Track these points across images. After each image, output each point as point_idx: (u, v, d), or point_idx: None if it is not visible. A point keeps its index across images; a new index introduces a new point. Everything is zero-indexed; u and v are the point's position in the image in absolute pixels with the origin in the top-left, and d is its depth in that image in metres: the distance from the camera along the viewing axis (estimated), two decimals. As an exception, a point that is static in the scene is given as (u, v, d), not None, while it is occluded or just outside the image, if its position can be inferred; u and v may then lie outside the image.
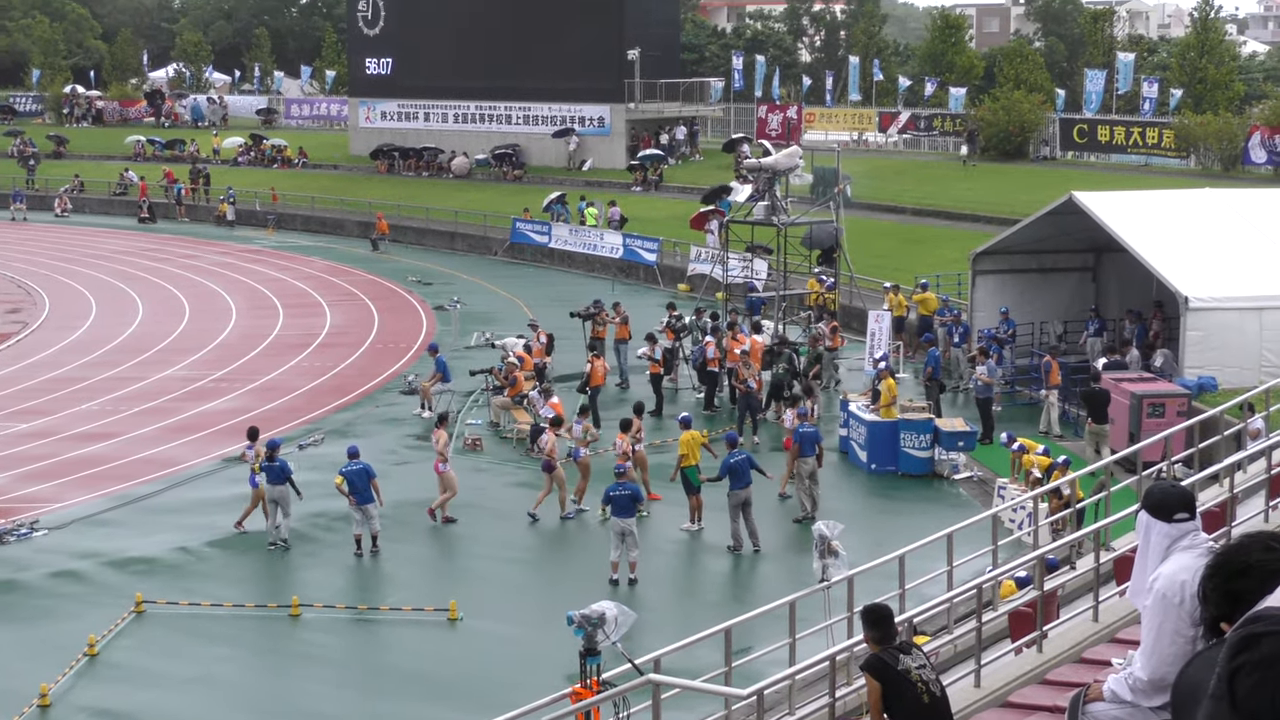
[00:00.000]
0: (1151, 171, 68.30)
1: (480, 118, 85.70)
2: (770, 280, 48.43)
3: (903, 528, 27.52)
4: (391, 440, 36.49)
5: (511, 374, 37.28)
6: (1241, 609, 4.06)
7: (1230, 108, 78.52)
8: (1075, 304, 40.77)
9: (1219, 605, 4.38)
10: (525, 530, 29.86)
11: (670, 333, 41.54)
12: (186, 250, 70.75)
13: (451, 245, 70.61)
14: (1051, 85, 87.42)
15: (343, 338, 49.89)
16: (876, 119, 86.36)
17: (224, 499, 31.82)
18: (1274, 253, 34.95)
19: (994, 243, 41.14)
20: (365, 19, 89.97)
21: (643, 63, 79.94)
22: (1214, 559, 4.50)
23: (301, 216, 78.33)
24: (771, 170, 44.32)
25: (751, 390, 36.03)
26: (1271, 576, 4.19)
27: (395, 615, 25.37)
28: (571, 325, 43.39)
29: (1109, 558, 17.24)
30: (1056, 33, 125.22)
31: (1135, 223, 36.08)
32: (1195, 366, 33.27)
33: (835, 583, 20.05)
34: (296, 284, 60.96)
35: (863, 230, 55.79)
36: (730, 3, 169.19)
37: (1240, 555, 4.39)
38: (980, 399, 35.70)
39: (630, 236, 61.92)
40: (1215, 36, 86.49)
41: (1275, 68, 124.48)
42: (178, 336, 50.69)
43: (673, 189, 73.96)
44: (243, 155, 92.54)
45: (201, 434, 37.44)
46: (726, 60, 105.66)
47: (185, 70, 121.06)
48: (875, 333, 40.94)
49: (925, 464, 32.75)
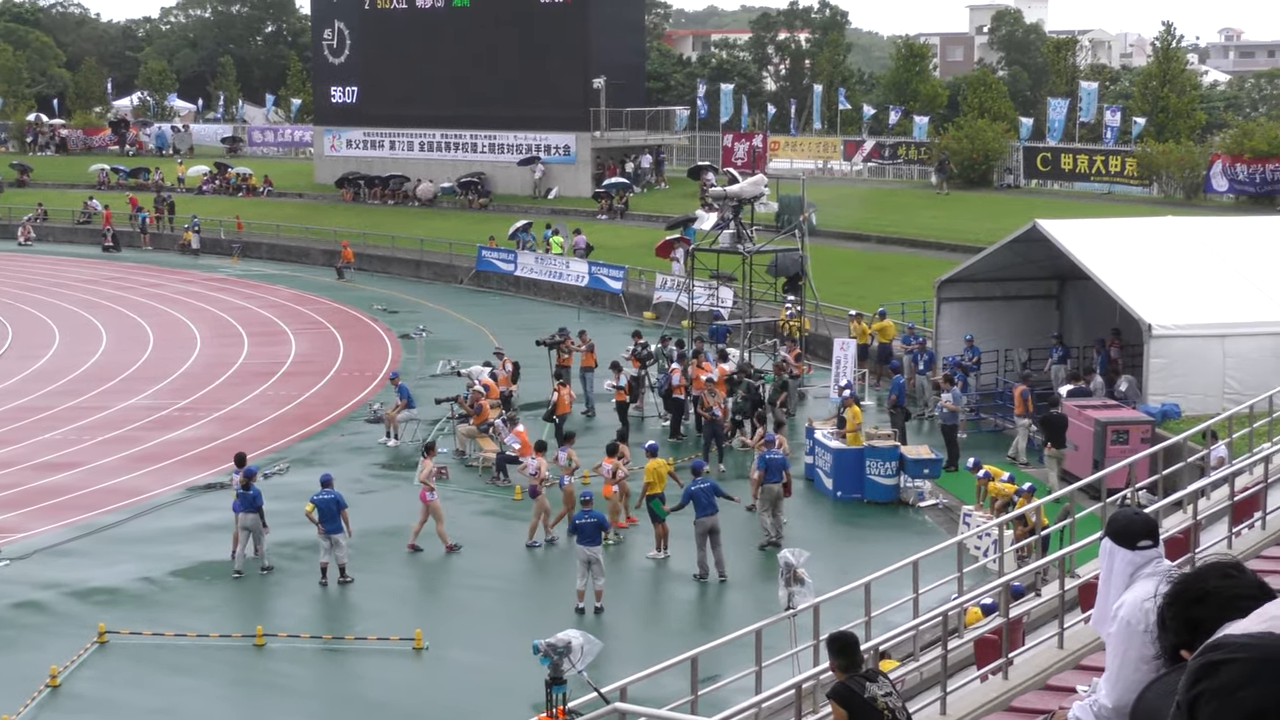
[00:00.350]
0: (1114, 199, 68.70)
1: (446, 146, 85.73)
2: (736, 308, 48.51)
3: (868, 555, 27.55)
4: (357, 469, 36.38)
5: (477, 402, 37.23)
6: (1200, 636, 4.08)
7: (1192, 136, 79.08)
8: (1040, 331, 40.94)
9: (1178, 632, 4.40)
10: (491, 558, 29.80)
11: (636, 361, 41.56)
12: (151, 279, 70.53)
13: (417, 273, 70.55)
14: (1015, 114, 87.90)
15: (308, 366, 49.76)
16: (841, 147, 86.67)
17: (188, 528, 31.69)
18: (1236, 280, 35.16)
19: (959, 270, 41.32)
20: (330, 47, 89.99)
21: (608, 91, 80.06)
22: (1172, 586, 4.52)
23: (266, 245, 78.16)
24: (737, 198, 44.41)
25: (717, 418, 36.05)
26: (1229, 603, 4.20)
27: (361, 645, 25.26)
28: (537, 353, 43.37)
29: (1074, 584, 17.29)
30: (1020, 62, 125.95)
31: (1099, 250, 36.28)
32: (1159, 393, 33.43)
33: (801, 610, 20.06)
34: (261, 312, 60.80)
35: (828, 258, 55.93)
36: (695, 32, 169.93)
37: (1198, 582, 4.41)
38: (945, 426, 35.79)
39: (596, 265, 61.96)
40: (1177, 66, 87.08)
41: (1236, 97, 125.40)
42: (142, 365, 50.49)
43: (638, 217, 74.08)
44: (207, 184, 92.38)
45: (165, 463, 37.27)
46: (692, 89, 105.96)
47: (150, 99, 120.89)
48: (840, 360, 41.01)
49: (891, 491, 32.79)
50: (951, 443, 35.30)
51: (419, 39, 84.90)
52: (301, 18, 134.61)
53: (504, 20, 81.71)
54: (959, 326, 40.79)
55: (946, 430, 35.71)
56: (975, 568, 23.79)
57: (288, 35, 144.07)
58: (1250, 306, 34.22)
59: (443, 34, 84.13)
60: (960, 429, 36.36)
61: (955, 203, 71.00)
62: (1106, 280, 35.06)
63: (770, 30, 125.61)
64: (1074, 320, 41.02)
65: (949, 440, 35.41)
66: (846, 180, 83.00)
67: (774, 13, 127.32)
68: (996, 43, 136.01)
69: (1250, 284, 34.97)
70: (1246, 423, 24.38)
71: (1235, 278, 35.27)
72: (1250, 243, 37.37)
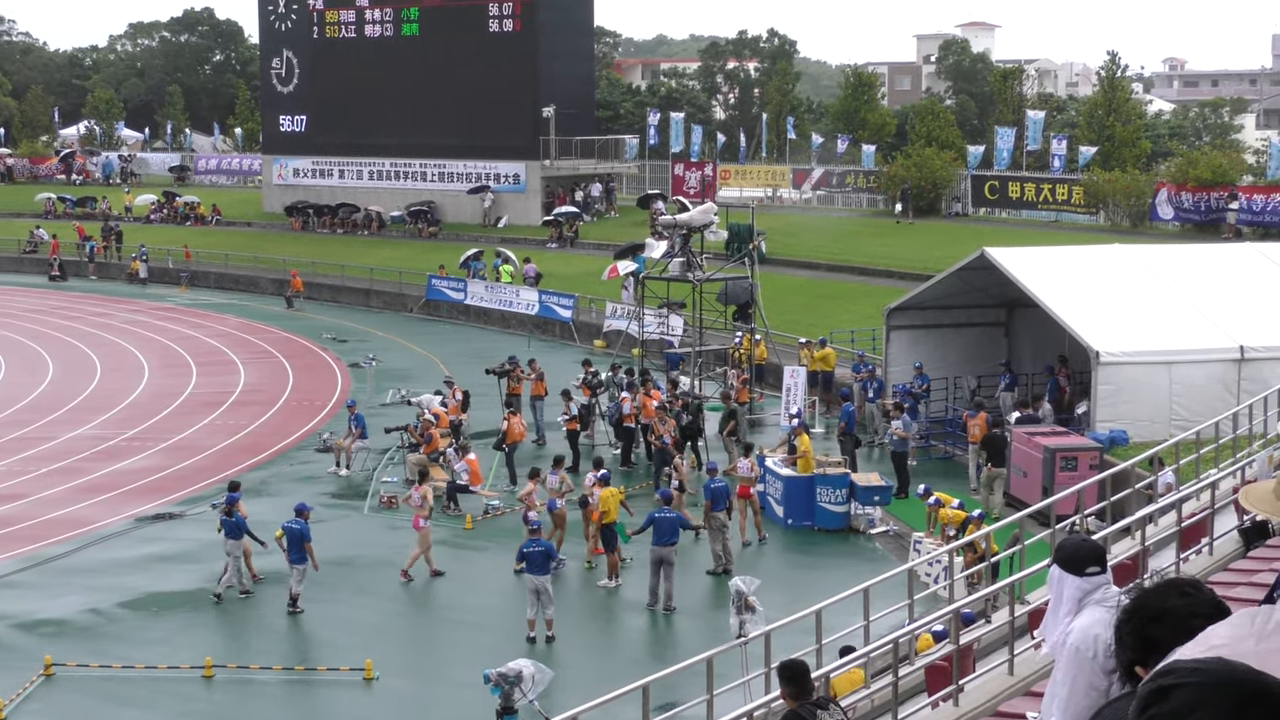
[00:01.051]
0: (1062, 227, 69.17)
1: (395, 174, 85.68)
2: (686, 336, 48.56)
3: (820, 582, 27.60)
4: (306, 498, 36.09)
5: (427, 431, 37.14)
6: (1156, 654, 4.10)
7: (1137, 165, 79.67)
8: (988, 358, 41.13)
9: (1134, 649, 4.42)
10: (440, 588, 29.70)
11: (586, 389, 41.55)
12: (98, 308, 70.14)
13: (367, 302, 70.39)
14: (963, 142, 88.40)
15: (257, 395, 49.55)
16: (790, 176, 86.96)
17: (136, 559, 31.49)
18: (1182, 307, 35.44)
19: (907, 298, 41.49)
20: (279, 76, 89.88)
21: (558, 120, 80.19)
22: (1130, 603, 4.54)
23: (215, 274, 77.83)
24: (686, 227, 44.51)
25: (667, 446, 36.01)
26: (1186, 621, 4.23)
27: (311, 675, 25.13)
28: (487, 382, 43.32)
29: (1024, 611, 17.35)
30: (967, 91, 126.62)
31: (1046, 278, 36.51)
32: (1106, 420, 33.65)
33: (753, 638, 20.05)
34: (210, 341, 60.52)
35: (778, 286, 56.09)
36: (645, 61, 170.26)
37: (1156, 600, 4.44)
38: (895, 453, 35.91)
39: (546, 293, 61.95)
40: (1122, 95, 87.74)
41: (1180, 126, 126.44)
42: (89, 395, 50.17)
43: (588, 245, 74.11)
44: (155, 212, 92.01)
45: (113, 494, 37.02)
46: (642, 118, 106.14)
47: (97, 127, 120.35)
48: (791, 388, 41.10)
49: (842, 519, 32.85)
50: (901, 470, 35.42)
51: (368, 68, 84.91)
52: (250, 47, 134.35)
53: (453, 49, 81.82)
54: (908, 354, 40.96)
55: (896, 457, 35.83)
56: (926, 594, 23.84)
57: (236, 64, 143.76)
58: (1196, 333, 34.49)
59: (392, 62, 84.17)
60: (910, 456, 36.48)
61: (904, 231, 71.34)
62: (1054, 308, 35.27)
63: (719, 59, 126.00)
64: (1022, 347, 41.24)
65: (899, 467, 35.52)
66: (796, 208, 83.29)
67: (723, 41, 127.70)
68: (944, 72, 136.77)
69: (1196, 311, 35.25)
70: (1193, 449, 24.57)
71: (1181, 305, 35.55)
72: (1196, 270, 37.70)
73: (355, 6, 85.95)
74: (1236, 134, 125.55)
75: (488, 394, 43.23)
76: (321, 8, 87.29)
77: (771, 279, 54.85)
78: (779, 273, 60.74)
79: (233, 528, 28.98)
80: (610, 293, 58.37)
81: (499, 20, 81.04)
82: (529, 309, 61.96)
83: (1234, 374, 33.79)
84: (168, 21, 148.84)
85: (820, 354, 44.57)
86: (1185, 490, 20.90)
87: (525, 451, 38.91)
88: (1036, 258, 39.12)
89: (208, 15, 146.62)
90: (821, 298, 58.27)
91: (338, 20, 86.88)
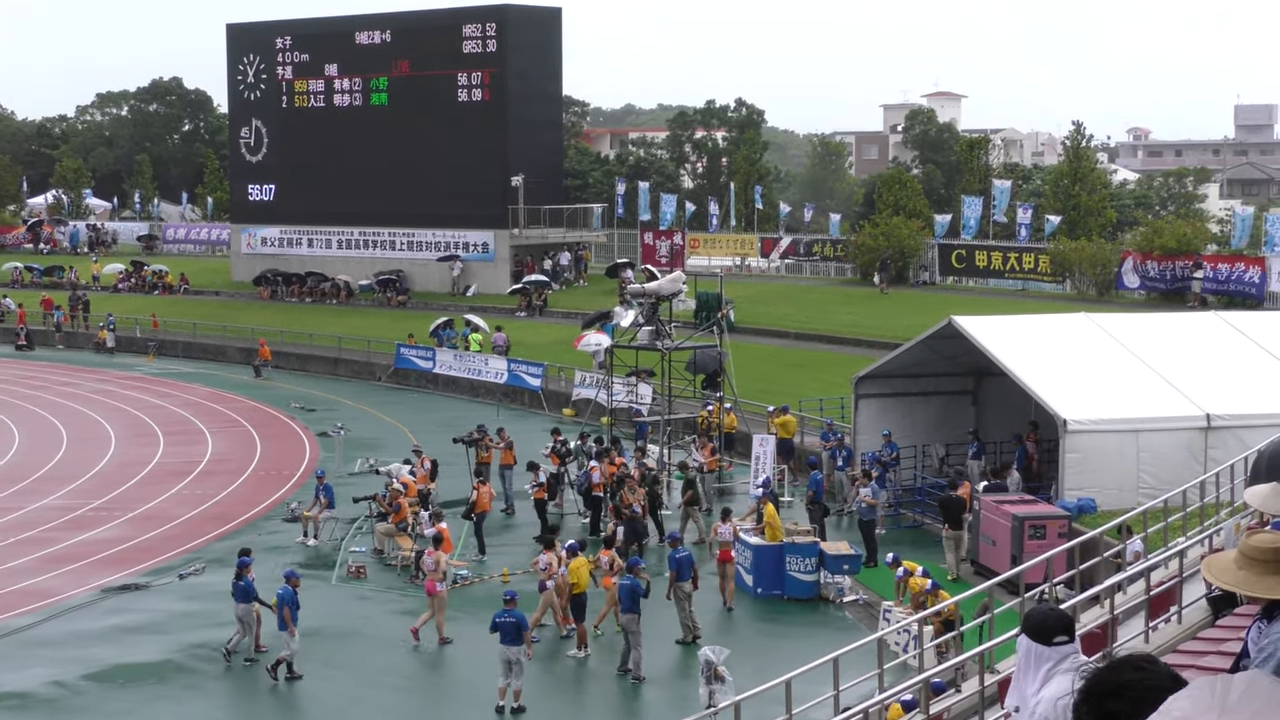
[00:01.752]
0: (1029, 296, 69.56)
1: (364, 243, 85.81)
2: (655, 405, 48.60)
3: (789, 652, 27.54)
4: (274, 569, 35.93)
5: (396, 500, 37.06)
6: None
7: (1103, 234, 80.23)
8: (957, 426, 41.26)
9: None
10: (408, 658, 29.57)
11: (555, 458, 41.53)
12: (65, 378, 69.90)
13: (335, 371, 70.32)
14: (930, 211, 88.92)
15: (224, 465, 49.39)
16: (759, 244, 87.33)
17: (101, 631, 31.27)
18: (1149, 375, 35.61)
19: (876, 366, 41.64)
20: (248, 145, 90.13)
21: (527, 189, 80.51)
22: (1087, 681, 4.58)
23: (183, 343, 77.67)
24: (655, 295, 44.65)
25: (637, 515, 35.97)
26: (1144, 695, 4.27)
27: (277, 748, 24.95)
28: (456, 451, 43.26)
29: (994, 680, 17.36)
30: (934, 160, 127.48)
31: (1014, 346, 36.69)
32: (1074, 488, 33.74)
33: (722, 709, 20.03)
34: (178, 411, 60.34)
35: (747, 354, 56.21)
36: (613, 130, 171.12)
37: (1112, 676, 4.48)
38: (863, 521, 35.95)
39: (515, 361, 61.97)
40: (1087, 164, 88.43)
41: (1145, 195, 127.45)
42: (55, 465, 49.93)
43: (557, 314, 74.27)
44: (123, 281, 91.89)
45: (79, 564, 36.79)
46: (610, 186, 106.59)
47: (64, 197, 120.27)
48: (760, 456, 41.12)
49: (811, 587, 32.84)
50: (870, 538, 35.46)
51: (337, 137, 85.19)
52: (219, 116, 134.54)
53: (422, 118, 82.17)
54: (877, 422, 41.07)
55: (864, 525, 35.88)
56: (896, 664, 23.83)
57: (205, 133, 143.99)
58: (1163, 401, 34.66)
59: (361, 132, 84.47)
60: (879, 524, 36.52)
61: (873, 299, 71.64)
62: (1022, 376, 35.43)
63: (687, 129, 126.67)
64: (990, 415, 41.37)
65: (867, 535, 35.56)
66: (764, 277, 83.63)
67: (691, 111, 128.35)
68: (911, 141, 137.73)
69: (1163, 379, 35.43)
70: (1161, 517, 24.64)
71: (1148, 373, 35.74)
72: (1162, 338, 37.90)
73: (325, 76, 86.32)
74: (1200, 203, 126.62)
75: (456, 463, 43.17)
76: (291, 77, 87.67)
77: (740, 347, 54.97)
78: (748, 341, 60.89)
79: (242, 592, 29.00)
80: (579, 361, 58.42)
81: (468, 90, 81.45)
82: (498, 377, 61.94)
83: (1201, 442, 33.95)
84: (136, 91, 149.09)
85: (780, 420, 44.53)
86: (1154, 558, 20.96)
87: (494, 521, 38.86)
88: (1004, 326, 39.29)
89: (176, 85, 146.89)
90: (790, 366, 58.41)
91: (307, 90, 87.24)
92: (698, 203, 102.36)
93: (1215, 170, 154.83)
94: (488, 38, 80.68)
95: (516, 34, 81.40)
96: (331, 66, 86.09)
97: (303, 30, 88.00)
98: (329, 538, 38.31)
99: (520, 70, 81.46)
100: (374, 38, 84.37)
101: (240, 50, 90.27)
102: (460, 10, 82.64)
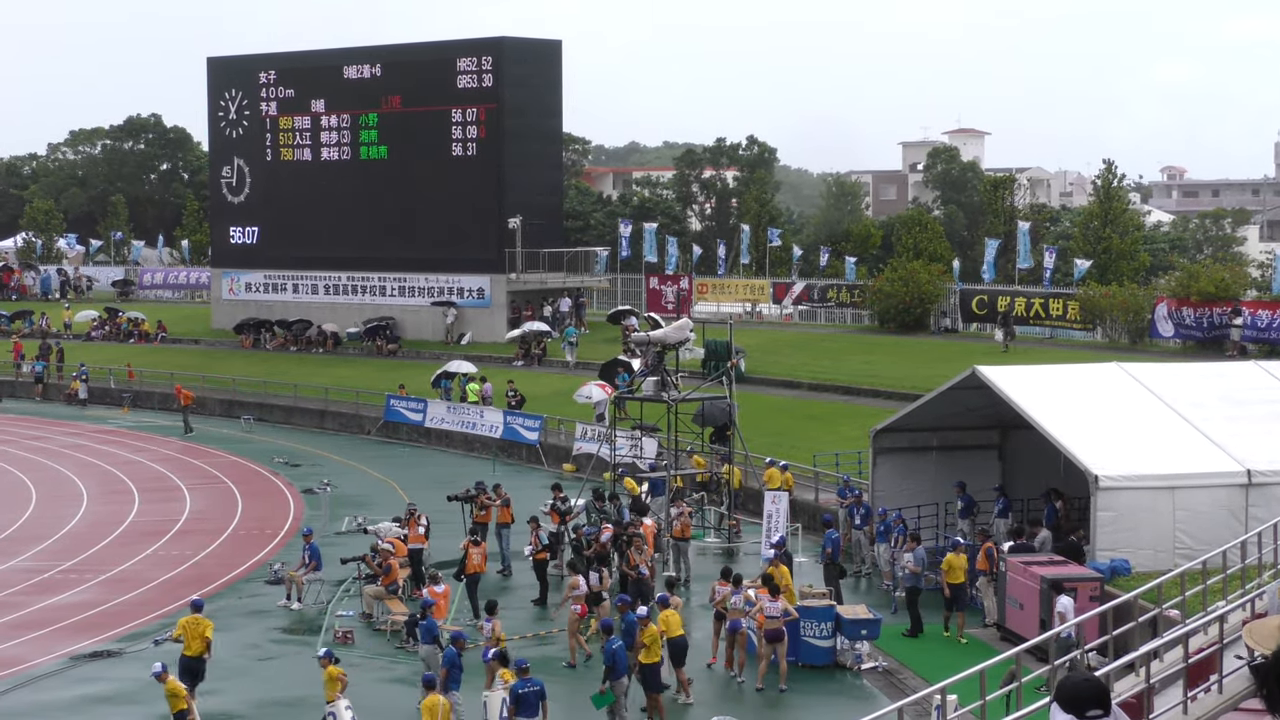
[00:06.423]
0: (1057, 344, 69.52)
1: (352, 289, 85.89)
2: (660, 459, 48.50)
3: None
4: (255, 634, 35.93)
5: (386, 562, 36.95)
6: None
7: (1136, 279, 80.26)
8: (981, 482, 41.05)
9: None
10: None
11: (556, 515, 41.37)
12: (34, 431, 69.89)
13: (321, 424, 70.28)
14: (951, 254, 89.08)
15: (203, 524, 49.29)
16: (770, 290, 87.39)
17: (70, 701, 31.13)
18: (1185, 429, 35.48)
19: (895, 419, 41.52)
20: (229, 185, 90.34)
21: (525, 231, 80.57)
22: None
23: (160, 394, 77.57)
24: (661, 344, 44.62)
25: (644, 576, 35.79)
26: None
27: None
28: (450, 509, 43.17)
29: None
30: (956, 200, 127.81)
31: (1042, 398, 36.53)
32: (1107, 549, 33.54)
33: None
34: (154, 466, 60.29)
35: (758, 406, 56.18)
36: (616, 169, 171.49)
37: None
38: (908, 589, 35.17)
39: (511, 414, 61.90)
40: (1119, 205, 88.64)
41: (1180, 238, 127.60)
42: (23, 524, 49.84)
43: (556, 364, 74.27)
44: (97, 329, 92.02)
45: (47, 630, 36.67)
46: (613, 228, 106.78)
47: (35, 240, 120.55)
48: (772, 514, 40.99)
49: (827, 654, 32.65)
50: (913, 607, 34.53)
51: (324, 177, 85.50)
52: (199, 155, 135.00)
53: (414, 157, 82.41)
54: (896, 478, 40.92)
55: (909, 593, 34.88)
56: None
57: (184, 173, 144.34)
58: (1201, 456, 34.52)
59: (349, 172, 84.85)
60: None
61: (890, 348, 71.63)
62: (1050, 429, 35.29)
63: (695, 167, 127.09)
64: (1018, 471, 41.20)
65: (911, 604, 34.64)
66: (776, 324, 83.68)
67: (699, 149, 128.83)
68: (931, 180, 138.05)
69: (1200, 433, 35.32)
70: (1200, 579, 24.56)
71: (1184, 426, 35.62)
72: (1199, 389, 37.75)
73: (311, 112, 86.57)
74: (1239, 246, 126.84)
75: (449, 522, 43.08)
76: (275, 114, 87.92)
77: (751, 398, 54.94)
78: (759, 392, 60.87)
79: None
80: (580, 414, 58.37)
81: (463, 127, 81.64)
82: (493, 431, 61.87)
83: (1241, 499, 33.82)
84: (110, 129, 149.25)
85: (768, 474, 44.05)
86: (1192, 624, 20.87)
87: (490, 582, 38.74)
88: (1031, 376, 39.18)
89: (154, 122, 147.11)
90: (804, 418, 58.34)
91: (292, 126, 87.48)
92: (705, 246, 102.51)
93: (1255, 211, 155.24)
94: (484, 72, 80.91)
95: (514, 68, 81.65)
96: (318, 102, 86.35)
97: (288, 64, 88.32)
98: (314, 600, 38.18)
99: (518, 106, 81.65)
100: (363, 72, 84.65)
101: (222, 86, 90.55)
102: (455, 43, 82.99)
